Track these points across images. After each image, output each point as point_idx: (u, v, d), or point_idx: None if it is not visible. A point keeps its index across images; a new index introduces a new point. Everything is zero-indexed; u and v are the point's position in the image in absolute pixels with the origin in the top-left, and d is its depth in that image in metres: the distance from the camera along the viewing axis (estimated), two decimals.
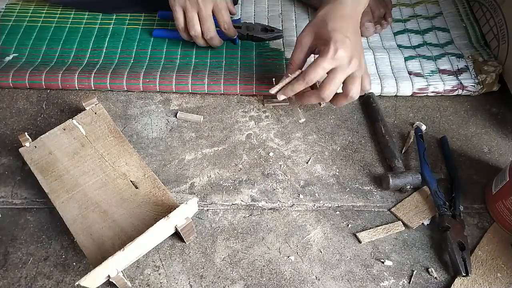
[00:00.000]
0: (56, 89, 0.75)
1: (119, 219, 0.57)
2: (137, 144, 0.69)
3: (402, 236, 0.62)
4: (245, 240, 0.61)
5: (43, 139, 0.64)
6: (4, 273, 0.57)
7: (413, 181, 0.64)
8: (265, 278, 0.58)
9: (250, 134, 0.71)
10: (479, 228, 0.63)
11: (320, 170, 0.67)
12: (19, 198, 0.63)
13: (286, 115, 0.73)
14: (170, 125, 0.71)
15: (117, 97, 0.75)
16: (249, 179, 0.66)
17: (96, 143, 0.64)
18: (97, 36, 0.82)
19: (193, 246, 0.60)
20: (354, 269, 0.59)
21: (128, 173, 0.61)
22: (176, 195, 0.64)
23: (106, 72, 0.74)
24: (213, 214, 0.63)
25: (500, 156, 0.70)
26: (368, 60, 0.78)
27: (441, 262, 0.60)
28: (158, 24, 0.85)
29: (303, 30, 0.65)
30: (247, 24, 0.82)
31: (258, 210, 0.64)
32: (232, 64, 0.78)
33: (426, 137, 0.71)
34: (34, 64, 0.76)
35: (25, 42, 0.81)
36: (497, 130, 0.73)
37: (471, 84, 0.75)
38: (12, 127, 0.71)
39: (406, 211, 0.63)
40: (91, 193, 0.59)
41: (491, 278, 0.58)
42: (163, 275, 0.58)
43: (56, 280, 0.57)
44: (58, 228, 0.61)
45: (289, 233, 0.62)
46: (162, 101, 0.74)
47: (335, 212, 0.64)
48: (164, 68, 0.76)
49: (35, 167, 0.62)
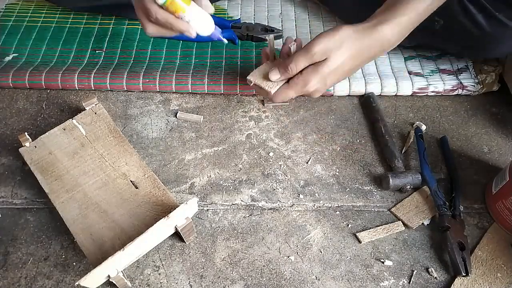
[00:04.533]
0: (56, 89, 0.75)
1: (119, 219, 0.57)
2: (137, 144, 0.69)
3: (402, 236, 0.62)
4: (245, 240, 0.61)
5: (43, 139, 0.64)
6: (4, 273, 0.57)
7: (413, 181, 0.64)
8: (265, 278, 0.58)
9: (250, 134, 0.71)
10: (479, 228, 0.63)
11: (320, 170, 0.67)
12: (19, 198, 0.63)
13: (286, 115, 0.73)
14: (170, 125, 0.71)
15: (117, 97, 0.75)
16: (249, 179, 0.66)
17: (96, 143, 0.64)
18: (97, 36, 0.82)
19: (193, 246, 0.60)
20: (354, 269, 0.59)
21: (128, 173, 0.61)
22: (176, 195, 0.64)
23: (106, 72, 0.74)
24: (213, 214, 0.63)
25: (500, 156, 0.70)
26: None
27: (441, 262, 0.60)
28: None
29: (319, 40, 0.60)
30: (247, 24, 0.82)
31: (258, 210, 0.64)
32: (232, 64, 0.78)
33: (426, 137, 0.71)
34: (34, 64, 0.76)
35: (25, 42, 0.81)
36: (497, 130, 0.73)
37: (471, 84, 0.75)
38: (12, 127, 0.71)
39: (406, 211, 0.63)
40: (91, 193, 0.59)
41: (491, 278, 0.58)
42: (163, 275, 0.58)
43: (56, 280, 0.57)
44: (58, 228, 0.61)
45: (289, 233, 0.62)
46: (162, 101, 0.74)
47: (335, 212, 0.64)
48: (164, 68, 0.76)
49: (35, 167, 0.62)
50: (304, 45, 0.61)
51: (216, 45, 0.81)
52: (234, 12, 0.88)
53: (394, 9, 0.59)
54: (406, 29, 0.60)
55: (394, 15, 0.59)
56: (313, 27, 0.86)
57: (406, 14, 0.59)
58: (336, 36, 0.59)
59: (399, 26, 0.59)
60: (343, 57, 0.59)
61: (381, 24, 0.59)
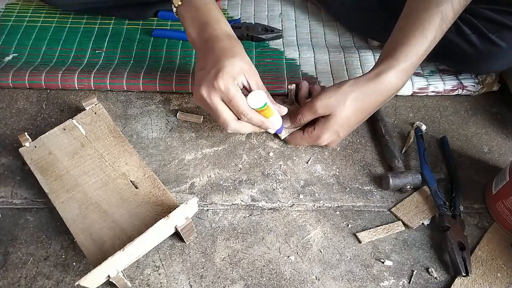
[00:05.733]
0: (56, 89, 0.75)
1: (119, 219, 0.57)
2: (137, 144, 0.69)
3: (402, 236, 0.62)
4: (245, 240, 0.61)
5: (43, 139, 0.64)
6: (4, 273, 0.57)
7: (413, 181, 0.64)
8: (265, 278, 0.58)
9: (250, 134, 0.71)
10: (479, 228, 0.63)
11: (320, 170, 0.67)
12: (19, 198, 0.63)
13: None
14: (170, 125, 0.71)
15: (117, 97, 0.74)
16: (249, 179, 0.66)
17: (96, 143, 0.64)
18: (97, 36, 0.82)
19: (193, 246, 0.60)
20: (354, 269, 0.59)
21: (128, 173, 0.61)
22: (176, 195, 0.64)
23: (106, 72, 0.74)
24: (213, 214, 0.63)
25: (500, 156, 0.70)
26: (368, 60, 0.78)
27: (441, 262, 0.60)
28: (158, 24, 0.85)
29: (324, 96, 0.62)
30: (247, 24, 0.83)
31: (258, 210, 0.64)
32: None
33: (426, 137, 0.71)
34: (34, 64, 0.76)
35: (24, 42, 0.81)
36: (497, 130, 0.73)
37: (471, 84, 0.75)
38: (12, 127, 0.71)
39: (406, 211, 0.63)
40: (91, 193, 0.59)
41: (491, 278, 0.58)
42: (163, 275, 0.58)
43: (56, 280, 0.57)
44: (58, 228, 0.61)
45: (289, 233, 0.62)
46: (162, 101, 0.74)
47: (335, 212, 0.64)
48: (164, 68, 0.76)
49: (35, 167, 0.62)
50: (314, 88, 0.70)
51: None
52: (234, 12, 0.88)
53: (395, 56, 0.60)
54: (410, 71, 0.61)
55: (397, 62, 0.60)
56: (313, 27, 0.86)
57: (408, 60, 0.59)
58: (338, 92, 0.61)
59: (403, 71, 0.60)
60: (349, 111, 0.61)
61: (385, 73, 0.60)
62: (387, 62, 0.60)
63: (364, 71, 0.77)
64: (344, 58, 0.79)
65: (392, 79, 0.60)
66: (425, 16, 0.59)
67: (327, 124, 0.62)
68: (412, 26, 0.59)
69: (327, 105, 0.61)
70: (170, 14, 0.84)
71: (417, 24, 0.59)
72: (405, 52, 0.59)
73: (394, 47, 0.60)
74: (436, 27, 0.58)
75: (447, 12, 0.58)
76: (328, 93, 0.61)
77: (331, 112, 0.61)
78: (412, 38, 0.59)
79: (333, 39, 0.84)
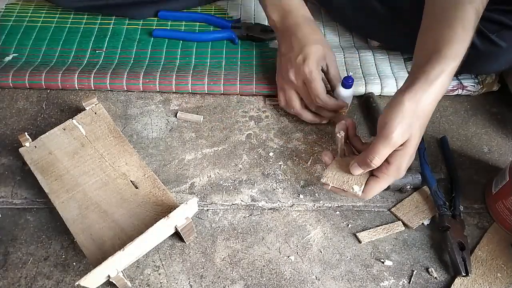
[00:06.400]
0: (56, 89, 0.75)
1: (119, 219, 0.57)
2: (137, 144, 0.69)
3: (402, 236, 0.62)
4: (245, 240, 0.61)
5: (43, 139, 0.64)
6: (4, 273, 0.57)
7: (413, 181, 0.64)
8: (265, 278, 0.58)
9: (250, 134, 0.71)
10: (479, 228, 0.63)
11: (320, 170, 0.67)
12: (19, 198, 0.63)
13: (286, 115, 0.73)
14: (170, 125, 0.71)
15: (117, 97, 0.75)
16: (249, 179, 0.66)
17: (96, 143, 0.64)
18: (97, 36, 0.82)
19: (193, 246, 0.60)
20: (354, 269, 0.59)
21: (128, 173, 0.61)
22: (176, 195, 0.64)
23: (106, 72, 0.74)
24: (213, 214, 0.63)
25: (500, 156, 0.70)
26: (368, 60, 0.78)
27: (441, 262, 0.60)
28: (158, 24, 0.85)
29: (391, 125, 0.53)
30: (247, 24, 0.83)
31: (258, 210, 0.64)
32: (232, 64, 0.78)
33: (426, 137, 0.71)
34: (34, 64, 0.76)
35: (25, 42, 0.81)
36: (497, 130, 0.73)
37: (471, 84, 0.75)
38: (12, 127, 0.71)
39: (406, 211, 0.63)
40: (91, 193, 0.59)
41: (491, 278, 0.58)
42: (163, 275, 0.58)
43: (56, 280, 0.57)
44: (58, 228, 0.61)
45: (289, 233, 0.62)
46: (162, 101, 0.74)
47: (335, 212, 0.64)
48: (164, 68, 0.76)
49: (35, 167, 0.62)
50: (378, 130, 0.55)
51: (216, 45, 0.81)
52: (234, 12, 0.88)
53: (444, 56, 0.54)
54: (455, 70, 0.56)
55: (446, 63, 0.54)
56: None
57: (457, 59, 0.55)
58: (406, 112, 0.53)
59: (453, 71, 0.55)
60: (420, 127, 0.55)
61: (439, 76, 0.54)
62: (438, 65, 0.55)
63: (364, 71, 0.77)
64: (344, 58, 0.79)
65: (446, 82, 0.55)
66: (461, 14, 0.56)
67: (406, 150, 0.54)
68: (450, 25, 0.56)
69: (404, 132, 0.53)
70: (170, 14, 0.84)
71: (457, 22, 0.55)
72: (454, 50, 0.55)
73: (437, 48, 0.55)
74: (473, 24, 0.56)
75: (480, 8, 0.56)
76: (396, 118, 0.53)
77: (409, 136, 0.53)
78: (455, 36, 0.55)
79: (333, 39, 0.84)
